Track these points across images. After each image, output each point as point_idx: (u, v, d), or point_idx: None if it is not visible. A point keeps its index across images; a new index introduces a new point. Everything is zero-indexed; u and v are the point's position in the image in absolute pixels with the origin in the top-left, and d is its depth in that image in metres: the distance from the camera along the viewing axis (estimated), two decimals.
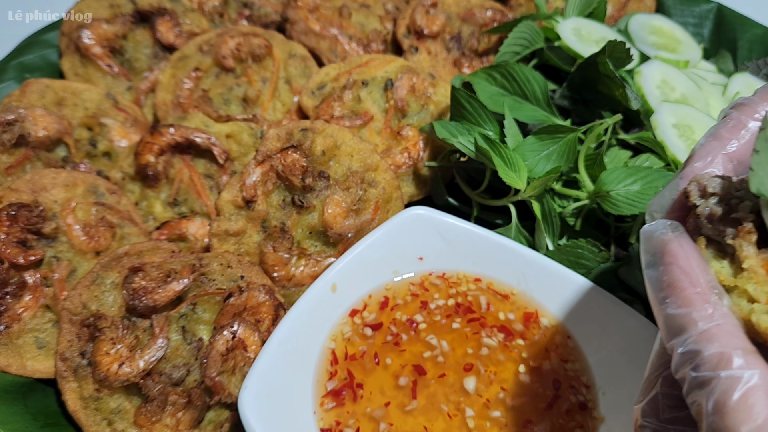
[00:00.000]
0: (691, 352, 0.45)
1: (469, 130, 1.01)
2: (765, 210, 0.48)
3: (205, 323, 0.88)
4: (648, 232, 0.53)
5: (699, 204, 0.50)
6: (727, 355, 0.44)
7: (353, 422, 0.82)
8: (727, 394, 0.42)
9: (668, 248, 0.50)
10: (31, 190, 0.96)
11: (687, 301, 0.47)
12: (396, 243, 0.93)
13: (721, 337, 0.45)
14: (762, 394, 0.41)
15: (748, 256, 0.47)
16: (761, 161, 0.48)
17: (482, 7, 1.30)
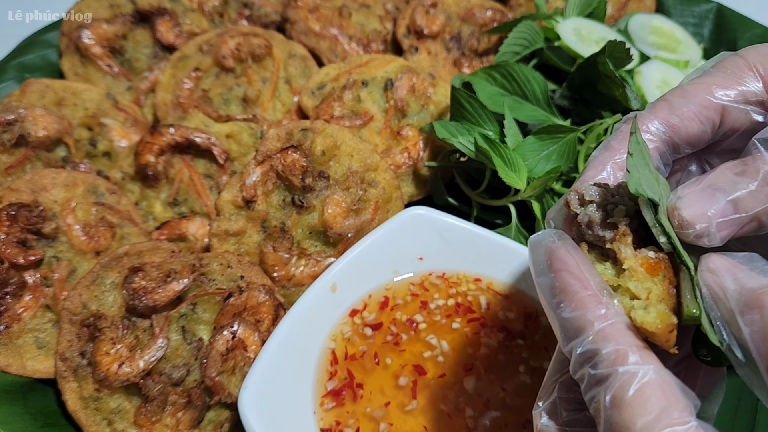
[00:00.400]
0: (590, 351, 0.47)
1: (469, 130, 1.01)
2: (644, 208, 0.51)
3: (205, 323, 0.88)
4: (535, 241, 0.55)
5: (578, 212, 0.53)
6: (623, 352, 0.45)
7: (353, 422, 0.82)
8: (623, 389, 0.44)
9: (556, 255, 0.52)
10: (31, 190, 0.96)
11: (581, 304, 0.49)
12: (396, 243, 0.93)
13: (617, 335, 0.47)
14: (656, 388, 0.43)
15: (627, 257, 0.50)
16: (635, 163, 0.50)
17: (482, 7, 1.30)
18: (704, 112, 0.55)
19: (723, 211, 0.50)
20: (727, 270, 0.48)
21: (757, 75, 0.56)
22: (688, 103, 0.55)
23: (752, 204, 0.50)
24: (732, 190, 0.50)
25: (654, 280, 0.49)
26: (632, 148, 0.51)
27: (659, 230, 0.50)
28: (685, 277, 0.50)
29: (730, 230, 0.50)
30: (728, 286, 0.47)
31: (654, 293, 0.48)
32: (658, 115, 0.56)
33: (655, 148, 0.56)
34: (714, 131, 0.57)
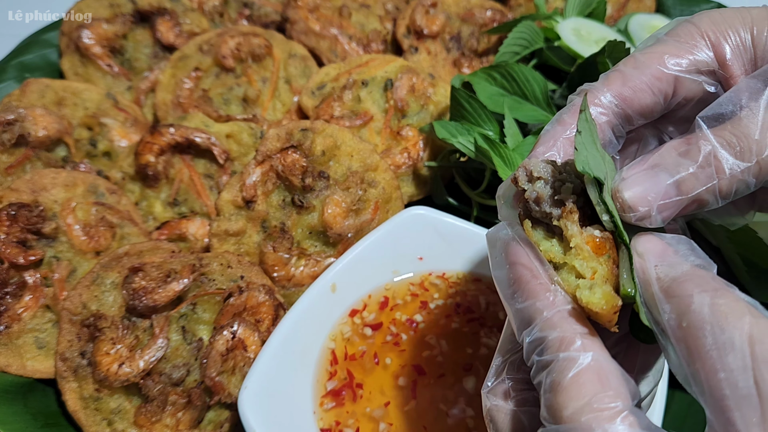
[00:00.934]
0: (538, 339, 0.48)
1: (469, 130, 1.01)
2: (589, 187, 0.51)
3: (205, 323, 0.88)
4: (491, 235, 0.55)
5: (526, 188, 0.53)
6: (568, 339, 0.46)
7: (353, 422, 0.82)
8: (562, 374, 0.45)
9: (509, 248, 0.53)
10: (31, 190, 0.96)
11: (532, 293, 0.50)
12: (396, 243, 0.93)
13: (562, 322, 0.48)
14: (592, 374, 0.44)
15: (573, 235, 0.50)
16: (583, 141, 0.50)
17: (482, 7, 1.30)
18: (656, 84, 0.55)
19: (664, 193, 0.50)
20: (653, 254, 0.48)
21: (709, 43, 0.55)
22: (640, 75, 0.55)
23: (693, 185, 0.50)
24: (674, 172, 0.50)
25: (599, 260, 0.49)
26: (581, 125, 0.51)
27: (602, 209, 0.51)
28: (624, 256, 0.50)
29: (671, 212, 0.51)
30: (651, 273, 0.48)
31: (599, 273, 0.49)
32: (611, 88, 0.56)
33: (607, 121, 0.56)
34: (667, 102, 0.56)
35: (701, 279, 0.45)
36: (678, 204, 0.51)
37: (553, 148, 0.56)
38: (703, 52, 0.55)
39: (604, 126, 0.56)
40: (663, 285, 0.46)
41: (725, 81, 0.56)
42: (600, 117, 0.55)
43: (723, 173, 0.50)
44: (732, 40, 0.55)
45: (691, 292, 0.44)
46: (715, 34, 0.55)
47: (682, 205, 0.51)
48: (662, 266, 0.47)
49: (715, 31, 0.55)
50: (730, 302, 0.42)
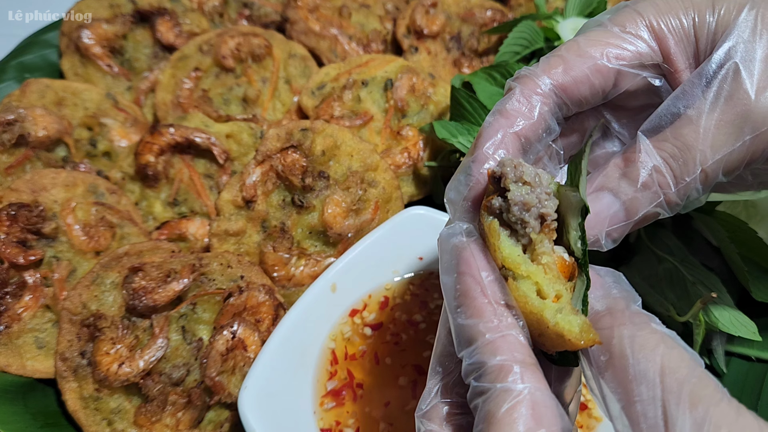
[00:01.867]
0: (477, 363, 0.47)
1: (469, 130, 1.01)
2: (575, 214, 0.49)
3: (205, 323, 0.88)
4: (444, 237, 0.53)
5: (512, 188, 0.49)
6: (506, 368, 0.45)
7: (353, 422, 0.82)
8: (497, 406, 0.44)
9: (461, 256, 0.50)
10: (31, 190, 0.96)
11: (477, 311, 0.48)
12: (396, 243, 0.93)
13: (504, 349, 0.46)
14: (526, 408, 0.43)
15: (546, 252, 0.48)
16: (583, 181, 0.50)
17: (482, 7, 1.30)
18: (597, 76, 0.54)
19: (612, 218, 0.52)
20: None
21: (652, 35, 0.54)
22: (582, 65, 0.54)
23: (639, 207, 0.51)
24: (619, 196, 0.52)
25: (566, 285, 0.48)
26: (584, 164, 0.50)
27: (578, 236, 0.49)
28: (580, 284, 0.50)
29: (620, 233, 0.53)
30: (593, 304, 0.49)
31: (564, 298, 0.47)
32: (551, 74, 0.54)
33: (548, 110, 0.54)
34: (605, 94, 0.56)
35: (621, 313, 0.46)
36: (626, 226, 0.52)
37: (502, 145, 0.53)
38: (646, 44, 0.54)
39: (546, 114, 0.54)
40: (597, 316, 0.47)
41: (669, 75, 0.55)
42: (542, 107, 0.54)
43: (668, 188, 0.50)
44: (675, 32, 0.54)
45: (611, 325, 0.45)
46: (659, 24, 0.54)
47: (630, 225, 0.52)
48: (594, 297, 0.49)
49: (659, 21, 0.54)
50: (646, 334, 0.44)
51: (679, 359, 0.42)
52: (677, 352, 0.43)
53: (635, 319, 0.45)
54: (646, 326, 0.45)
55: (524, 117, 0.53)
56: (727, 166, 0.50)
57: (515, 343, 0.47)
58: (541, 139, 0.55)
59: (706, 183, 0.51)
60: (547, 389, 0.45)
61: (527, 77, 0.54)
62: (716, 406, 0.39)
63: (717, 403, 0.40)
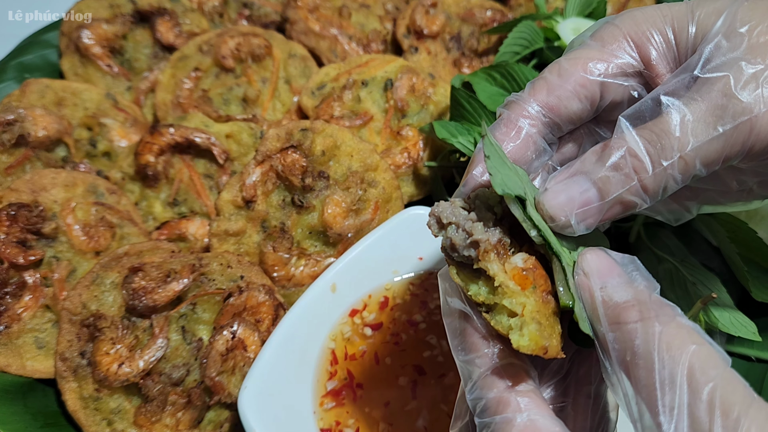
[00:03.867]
0: (477, 398, 0.48)
1: (469, 130, 1.01)
2: (512, 207, 0.50)
3: (204, 323, 0.88)
4: (443, 275, 0.55)
5: (440, 237, 0.51)
6: (504, 399, 0.46)
7: (353, 422, 0.82)
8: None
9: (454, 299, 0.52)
10: (30, 190, 0.96)
11: (473, 347, 0.50)
12: (396, 243, 0.93)
13: (498, 381, 0.48)
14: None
15: (496, 274, 0.48)
16: (494, 164, 0.49)
17: (482, 7, 1.30)
18: (582, 91, 0.55)
19: (584, 200, 0.50)
20: (598, 274, 0.48)
21: (632, 45, 0.55)
22: (565, 83, 0.55)
23: (612, 188, 0.50)
24: (592, 177, 0.50)
25: (525, 293, 0.48)
26: (488, 150, 0.50)
27: (529, 225, 0.50)
28: (558, 269, 0.49)
29: (594, 218, 0.51)
30: (596, 296, 0.47)
31: (527, 308, 0.47)
32: (537, 97, 0.55)
33: (537, 132, 0.55)
34: (594, 107, 0.56)
35: (644, 306, 0.44)
36: (599, 209, 0.50)
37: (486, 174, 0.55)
38: (627, 55, 0.55)
39: (535, 136, 0.55)
40: (608, 310, 0.46)
41: (652, 81, 0.56)
42: (530, 128, 0.55)
43: (645, 172, 0.49)
44: (655, 41, 0.55)
45: (636, 319, 0.44)
46: (638, 35, 0.55)
47: (604, 209, 0.50)
48: (607, 289, 0.47)
49: (637, 32, 0.55)
50: (673, 331, 0.42)
51: (707, 359, 0.41)
52: (705, 351, 0.41)
53: (660, 312, 0.44)
54: (672, 320, 0.43)
55: (511, 140, 0.55)
56: (705, 157, 0.49)
57: (510, 372, 0.48)
58: (531, 161, 0.56)
59: (685, 172, 0.50)
60: (546, 412, 0.46)
61: (514, 102, 0.56)
62: (746, 412, 0.38)
63: (747, 409, 0.38)
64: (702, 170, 0.50)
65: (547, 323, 0.47)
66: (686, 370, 0.40)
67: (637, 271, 0.48)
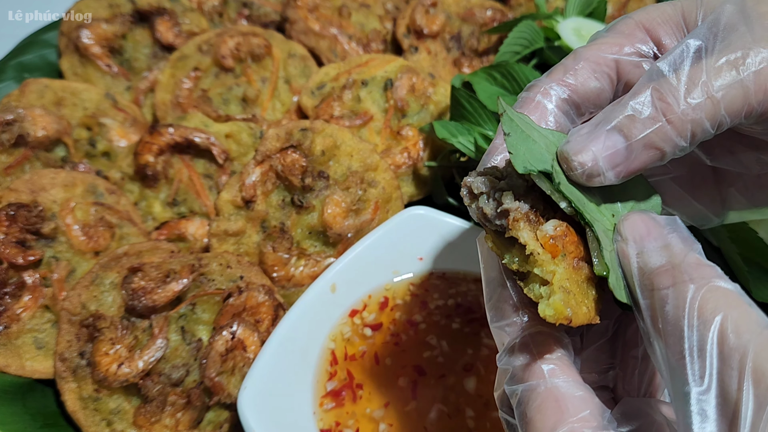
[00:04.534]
0: (506, 366, 0.48)
1: (469, 130, 1.01)
2: (539, 182, 0.49)
3: (204, 323, 0.88)
4: (481, 241, 0.55)
5: (472, 208, 0.51)
6: (530, 367, 0.46)
7: (353, 422, 0.82)
8: (528, 406, 0.45)
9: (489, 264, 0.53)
10: (30, 190, 0.96)
11: (504, 314, 0.50)
12: (396, 243, 0.93)
13: (525, 349, 0.48)
14: (552, 403, 0.44)
15: (527, 242, 0.47)
16: (513, 142, 0.49)
17: (482, 7, 1.30)
18: (598, 69, 0.55)
19: (609, 144, 0.48)
20: (635, 239, 0.47)
21: (644, 30, 0.56)
22: (583, 64, 0.56)
23: (639, 129, 0.48)
24: (616, 119, 0.49)
25: (555, 262, 0.47)
26: (507, 127, 0.49)
27: (559, 197, 0.49)
28: (591, 238, 0.49)
29: (624, 166, 0.49)
30: (632, 263, 0.46)
31: (556, 276, 0.46)
32: (554, 78, 0.56)
33: (556, 107, 0.55)
34: (613, 88, 0.56)
35: (677, 269, 0.43)
36: (628, 153, 0.48)
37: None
38: (639, 38, 0.56)
39: (554, 111, 0.56)
40: (642, 277, 0.45)
41: None
42: (548, 104, 0.55)
43: (672, 112, 0.48)
44: (666, 24, 0.56)
45: (668, 284, 0.43)
46: (650, 21, 0.56)
47: (633, 154, 0.48)
48: (643, 254, 0.46)
49: (649, 19, 0.56)
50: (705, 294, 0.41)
51: (741, 322, 0.39)
52: (740, 312, 0.40)
53: (694, 274, 0.43)
54: (707, 283, 0.42)
55: (530, 113, 0.55)
56: (730, 103, 0.48)
57: (539, 341, 0.47)
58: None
59: (714, 117, 0.48)
60: (572, 378, 0.46)
61: (533, 85, 0.57)
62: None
63: None
64: (726, 118, 0.49)
65: (578, 290, 0.47)
66: (716, 335, 0.39)
67: (675, 232, 0.46)
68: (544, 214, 0.50)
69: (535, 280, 0.48)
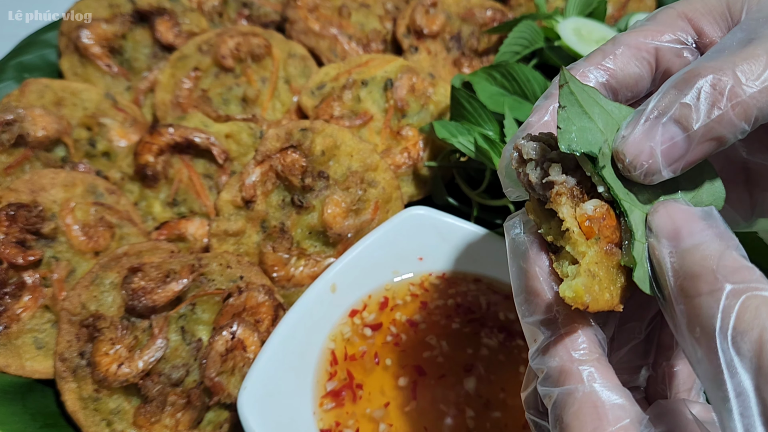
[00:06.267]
0: (539, 366, 0.46)
1: (469, 130, 1.01)
2: (582, 163, 0.48)
3: (204, 323, 0.88)
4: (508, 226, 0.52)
5: (519, 171, 0.50)
6: (566, 369, 0.44)
7: (353, 423, 0.82)
8: (563, 410, 0.43)
9: (517, 251, 0.50)
10: (30, 190, 0.96)
11: (535, 309, 0.48)
12: (396, 243, 0.93)
13: (561, 349, 0.45)
14: (590, 408, 0.42)
15: (564, 218, 0.46)
16: (567, 117, 0.47)
17: (482, 7, 1.30)
18: (638, 54, 0.54)
19: (668, 137, 0.46)
20: (667, 235, 0.45)
21: (686, 19, 0.55)
22: (622, 49, 0.54)
23: (698, 118, 0.45)
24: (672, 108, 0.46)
25: (588, 243, 0.46)
26: (564, 100, 0.47)
27: (598, 180, 0.47)
28: (625, 228, 0.47)
29: (682, 159, 0.46)
30: (665, 262, 0.44)
31: (586, 258, 0.45)
32: (593, 62, 0.54)
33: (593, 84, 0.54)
34: (652, 75, 0.55)
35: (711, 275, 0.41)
36: (687, 145, 0.45)
37: (546, 116, 0.54)
38: (680, 26, 0.55)
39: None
40: (677, 282, 0.42)
41: (706, 49, 0.55)
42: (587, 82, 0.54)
43: (737, 96, 0.45)
44: (709, 14, 0.55)
45: (703, 291, 0.40)
46: (692, 11, 0.55)
47: (693, 145, 0.45)
48: (677, 253, 0.43)
49: (692, 10, 0.55)
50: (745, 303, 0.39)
51: None
52: None
53: (732, 278, 0.40)
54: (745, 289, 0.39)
55: None
56: None
57: (574, 339, 0.45)
58: None
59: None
60: (611, 382, 0.44)
61: (572, 68, 0.55)
62: None
63: None
64: None
65: (606, 276, 0.46)
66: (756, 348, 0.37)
67: (711, 228, 0.44)
68: (590, 192, 0.48)
69: (566, 257, 0.47)
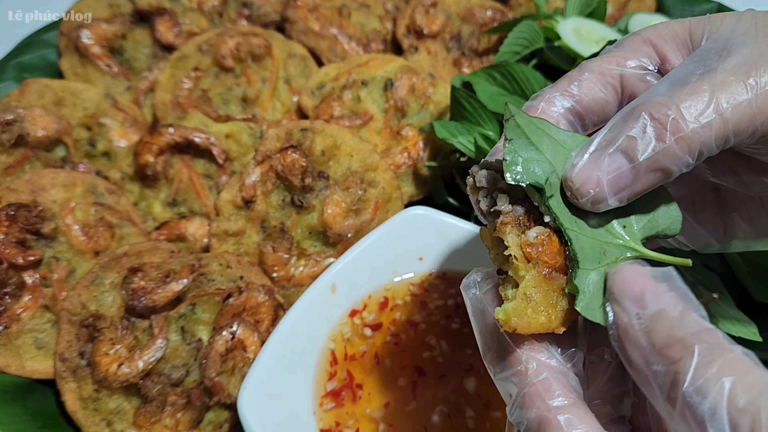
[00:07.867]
0: (518, 420, 0.46)
1: (469, 130, 1.01)
2: (530, 193, 0.49)
3: (204, 324, 0.88)
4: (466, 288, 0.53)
5: (472, 198, 0.52)
6: (545, 420, 0.44)
7: (353, 423, 0.82)
8: None
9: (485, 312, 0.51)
10: (30, 191, 0.96)
11: (506, 364, 0.48)
12: (396, 243, 0.93)
13: (537, 399, 0.45)
14: None
15: (510, 245, 0.48)
16: (513, 149, 0.49)
17: (482, 7, 1.30)
18: (603, 79, 0.55)
19: (614, 167, 0.47)
20: (631, 299, 0.45)
21: (651, 46, 0.56)
22: (586, 74, 0.56)
23: (643, 150, 0.46)
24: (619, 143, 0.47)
25: (527, 267, 0.47)
26: (510, 133, 0.49)
27: (545, 210, 0.49)
28: (569, 256, 0.48)
29: (629, 189, 0.48)
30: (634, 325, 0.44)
31: (524, 282, 0.47)
32: (559, 88, 0.56)
33: (559, 114, 0.55)
34: (618, 100, 0.56)
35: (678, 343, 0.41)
36: (633, 175, 0.47)
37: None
38: (644, 52, 0.56)
39: (557, 116, 0.55)
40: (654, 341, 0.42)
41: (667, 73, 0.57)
42: (552, 110, 0.55)
43: (681, 131, 0.46)
44: (672, 41, 0.56)
45: (680, 356, 0.41)
46: (656, 37, 0.56)
47: (639, 175, 0.47)
48: (645, 316, 0.43)
49: (656, 36, 0.56)
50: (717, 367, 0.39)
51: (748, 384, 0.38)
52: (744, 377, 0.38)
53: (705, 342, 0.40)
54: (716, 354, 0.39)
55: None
56: (738, 123, 0.47)
57: (548, 387, 0.46)
58: None
59: (722, 134, 0.47)
60: (590, 426, 0.44)
61: (538, 95, 0.57)
62: None
63: None
64: (732, 137, 0.48)
65: (545, 300, 0.47)
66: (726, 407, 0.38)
67: (672, 292, 0.44)
68: (538, 220, 0.50)
69: (510, 281, 0.49)
